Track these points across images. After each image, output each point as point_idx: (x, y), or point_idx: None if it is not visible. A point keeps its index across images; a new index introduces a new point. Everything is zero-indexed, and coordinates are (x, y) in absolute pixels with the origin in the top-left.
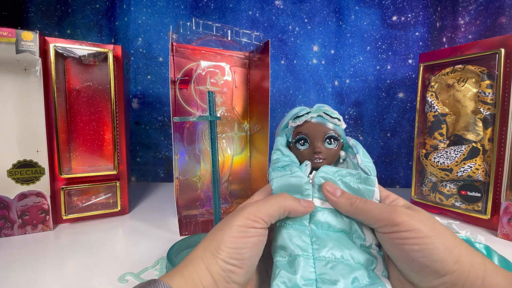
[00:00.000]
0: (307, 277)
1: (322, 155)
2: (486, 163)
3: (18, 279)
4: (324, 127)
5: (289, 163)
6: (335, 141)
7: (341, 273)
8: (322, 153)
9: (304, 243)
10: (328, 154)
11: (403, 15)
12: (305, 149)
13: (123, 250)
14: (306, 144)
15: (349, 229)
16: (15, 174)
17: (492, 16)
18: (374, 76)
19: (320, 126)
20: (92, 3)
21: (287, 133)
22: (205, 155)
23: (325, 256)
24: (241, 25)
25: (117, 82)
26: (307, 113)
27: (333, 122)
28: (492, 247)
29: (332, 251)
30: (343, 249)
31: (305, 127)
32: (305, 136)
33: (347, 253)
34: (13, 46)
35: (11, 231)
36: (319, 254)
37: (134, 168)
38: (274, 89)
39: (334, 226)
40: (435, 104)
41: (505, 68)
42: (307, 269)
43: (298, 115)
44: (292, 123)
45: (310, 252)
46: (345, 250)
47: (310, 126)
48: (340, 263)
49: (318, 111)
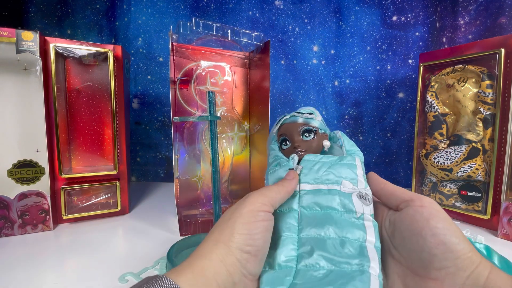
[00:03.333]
0: (288, 254)
1: (301, 147)
2: (486, 163)
3: (18, 279)
4: (297, 124)
5: (279, 160)
6: (311, 133)
7: (318, 246)
8: (301, 146)
9: (290, 225)
10: (308, 145)
11: (403, 15)
12: (287, 147)
13: (123, 250)
14: (288, 142)
15: (336, 205)
16: (15, 174)
17: (492, 16)
18: (374, 76)
19: (294, 123)
20: (92, 3)
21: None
22: (205, 155)
23: (308, 235)
24: (241, 25)
25: (117, 82)
26: (283, 116)
27: (303, 117)
28: (492, 247)
29: (314, 229)
30: (325, 226)
31: (283, 128)
32: (285, 136)
33: (329, 228)
34: (13, 46)
35: (11, 231)
36: (302, 233)
37: (134, 168)
38: (274, 89)
39: (320, 204)
40: (435, 104)
41: (505, 68)
42: (288, 247)
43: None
44: (274, 129)
45: (295, 232)
46: (327, 226)
47: (287, 126)
48: (321, 239)
49: (291, 113)
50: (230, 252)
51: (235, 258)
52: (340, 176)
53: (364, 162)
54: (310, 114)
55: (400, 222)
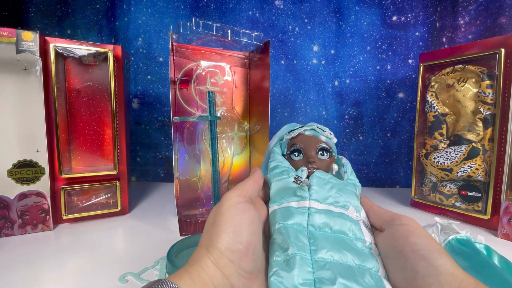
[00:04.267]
0: (305, 277)
1: (315, 164)
2: (486, 163)
3: (18, 279)
4: (317, 139)
5: (286, 169)
6: (327, 152)
7: (341, 274)
8: (315, 162)
9: (302, 243)
10: (321, 164)
11: (403, 15)
12: (299, 159)
13: (123, 250)
14: (301, 155)
15: (347, 230)
16: (15, 174)
17: (492, 16)
18: (374, 76)
19: (314, 138)
20: (92, 3)
21: (282, 145)
22: (205, 155)
23: (323, 258)
24: (241, 25)
25: (117, 82)
26: (301, 127)
27: (325, 135)
28: (492, 247)
29: (330, 253)
30: (342, 251)
31: (299, 139)
32: (299, 148)
33: (347, 255)
34: (13, 46)
35: (11, 231)
36: (318, 255)
37: (134, 168)
38: (274, 89)
39: (331, 227)
40: (435, 104)
41: (505, 68)
42: (304, 268)
43: (293, 129)
44: (287, 136)
45: (308, 252)
46: (344, 252)
47: (304, 138)
48: (339, 265)
49: (311, 125)
50: (221, 254)
51: (227, 259)
52: (347, 201)
53: (364, 162)
54: (330, 133)
55: (383, 242)
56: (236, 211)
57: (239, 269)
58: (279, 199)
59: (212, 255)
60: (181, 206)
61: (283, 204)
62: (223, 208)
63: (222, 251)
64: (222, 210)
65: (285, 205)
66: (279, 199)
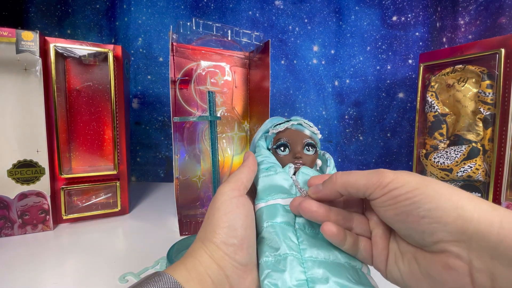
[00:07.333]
0: (298, 277)
1: (302, 160)
2: (486, 163)
3: (18, 279)
4: (303, 134)
5: (273, 165)
6: (313, 148)
7: (332, 272)
8: (302, 158)
9: (292, 242)
10: (307, 160)
11: (403, 15)
12: (285, 154)
13: (123, 250)
14: (287, 149)
15: None
16: (15, 174)
17: (492, 16)
18: (374, 76)
19: (300, 133)
20: (92, 3)
21: (267, 139)
22: (205, 155)
23: (313, 256)
24: (241, 25)
25: (117, 82)
26: (287, 121)
27: (311, 130)
28: None
29: (319, 251)
30: (330, 249)
31: (286, 133)
32: (286, 142)
33: (334, 252)
34: (13, 46)
35: (11, 231)
36: (307, 254)
37: (134, 168)
38: (274, 89)
39: (314, 225)
40: (435, 104)
41: (505, 68)
42: (297, 268)
43: (279, 123)
44: (273, 129)
45: (298, 251)
46: (332, 250)
47: (290, 133)
48: (329, 263)
49: (297, 120)
50: (216, 248)
51: (222, 252)
52: None
53: (364, 162)
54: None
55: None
56: (231, 205)
57: (234, 262)
58: (265, 196)
59: (208, 248)
60: (181, 206)
61: (270, 201)
62: (217, 203)
63: (217, 245)
64: (217, 205)
65: (271, 202)
66: (265, 195)
